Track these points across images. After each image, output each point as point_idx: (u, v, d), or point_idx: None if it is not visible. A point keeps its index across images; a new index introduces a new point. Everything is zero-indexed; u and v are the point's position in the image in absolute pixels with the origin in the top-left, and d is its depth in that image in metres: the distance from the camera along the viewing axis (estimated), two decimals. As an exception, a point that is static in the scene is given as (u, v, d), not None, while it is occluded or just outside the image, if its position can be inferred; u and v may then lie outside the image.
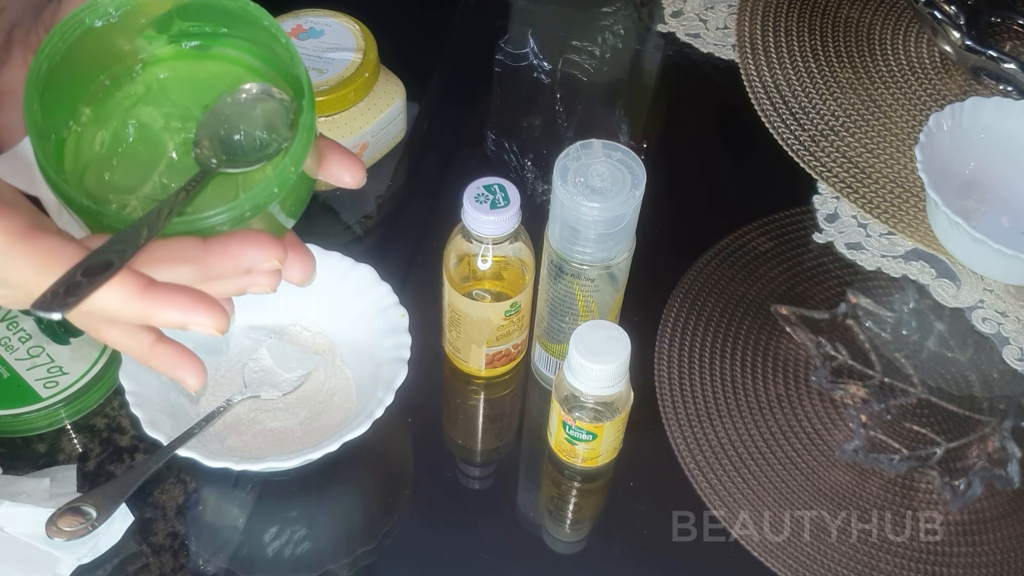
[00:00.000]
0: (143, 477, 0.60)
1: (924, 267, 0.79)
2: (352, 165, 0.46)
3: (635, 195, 0.58)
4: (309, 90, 0.43)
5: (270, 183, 0.41)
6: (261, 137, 0.44)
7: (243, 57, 0.46)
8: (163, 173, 0.44)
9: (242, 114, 0.44)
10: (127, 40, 0.45)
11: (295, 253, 0.45)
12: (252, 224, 0.42)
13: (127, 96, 0.45)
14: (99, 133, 0.44)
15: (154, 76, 0.46)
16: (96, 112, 0.45)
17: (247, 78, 0.46)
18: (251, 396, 0.66)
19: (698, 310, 0.76)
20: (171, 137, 0.45)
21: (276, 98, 0.44)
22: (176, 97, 0.46)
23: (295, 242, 0.45)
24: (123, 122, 0.45)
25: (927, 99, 0.90)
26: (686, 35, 0.95)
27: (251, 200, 0.41)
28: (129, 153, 0.44)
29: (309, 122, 0.42)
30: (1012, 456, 0.70)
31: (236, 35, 0.46)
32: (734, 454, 0.68)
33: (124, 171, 0.44)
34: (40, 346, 0.68)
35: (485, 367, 0.69)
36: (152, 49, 0.46)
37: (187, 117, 0.45)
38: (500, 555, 0.64)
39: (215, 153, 0.43)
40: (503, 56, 0.92)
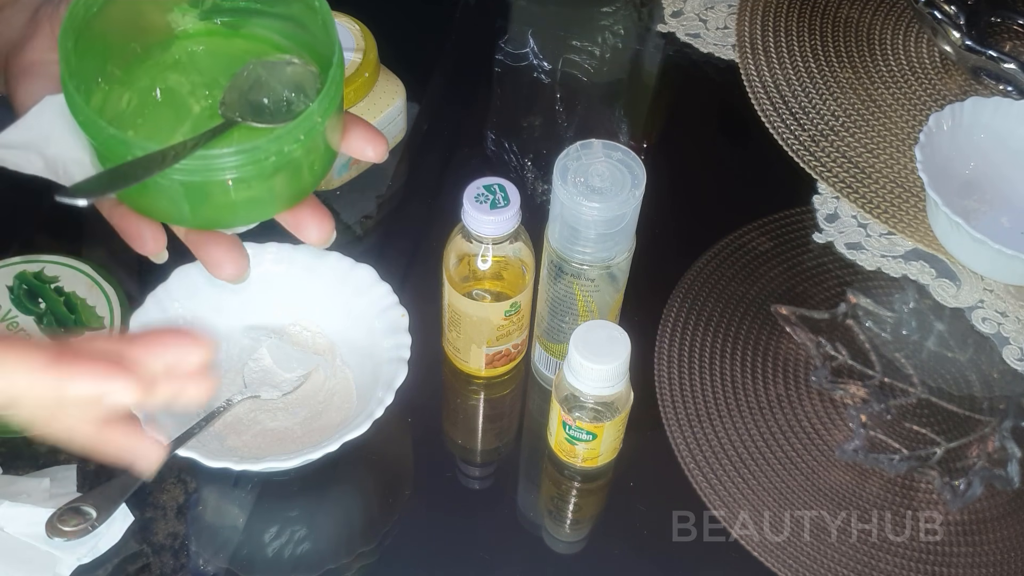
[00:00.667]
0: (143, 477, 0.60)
1: (924, 267, 0.79)
2: (374, 138, 0.46)
3: (635, 195, 0.58)
4: (339, 49, 0.43)
5: (296, 129, 0.41)
6: (288, 98, 0.44)
7: (273, 36, 0.47)
8: (186, 134, 0.44)
9: (270, 75, 0.44)
10: (161, 12, 0.46)
11: (313, 212, 0.45)
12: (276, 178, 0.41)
13: (157, 63, 0.46)
14: (127, 93, 0.45)
15: (184, 49, 0.46)
16: (125, 74, 0.45)
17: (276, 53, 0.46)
18: (251, 396, 0.66)
19: (698, 310, 0.76)
20: (197, 101, 0.45)
21: (304, 67, 0.45)
22: (205, 68, 0.46)
23: (314, 203, 0.46)
24: (151, 85, 0.45)
25: (927, 99, 0.90)
26: (686, 35, 0.95)
27: (276, 143, 0.40)
28: (154, 113, 0.45)
29: (338, 78, 0.42)
30: (1012, 456, 0.70)
31: (268, 12, 0.46)
32: (734, 454, 0.68)
33: (148, 130, 0.44)
34: (40, 346, 0.68)
35: (485, 367, 0.69)
36: (184, 23, 0.46)
37: (214, 86, 0.45)
38: (500, 555, 0.64)
39: (241, 111, 0.43)
40: (503, 56, 0.92)
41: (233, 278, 0.45)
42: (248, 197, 0.42)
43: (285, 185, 0.43)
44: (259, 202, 0.43)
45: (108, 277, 0.71)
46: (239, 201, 0.42)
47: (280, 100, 0.44)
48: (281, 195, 0.43)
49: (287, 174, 0.42)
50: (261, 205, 0.43)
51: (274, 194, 0.43)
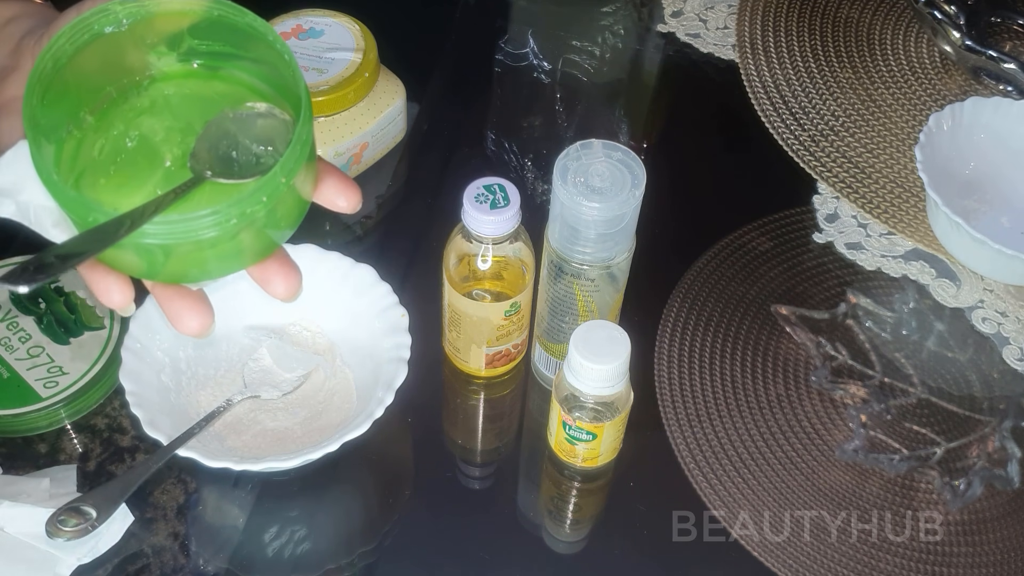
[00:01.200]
0: (143, 477, 0.60)
1: (924, 267, 0.79)
2: (347, 188, 0.46)
3: (635, 195, 0.58)
4: (307, 104, 0.42)
5: (259, 191, 0.40)
6: (258, 151, 0.43)
7: (251, 80, 0.46)
8: (158, 184, 0.44)
9: (241, 129, 0.44)
10: (137, 54, 0.45)
11: (280, 267, 0.45)
12: (241, 236, 0.41)
13: (132, 108, 0.45)
14: (99, 140, 0.44)
15: (160, 92, 0.46)
16: (98, 120, 0.45)
17: (252, 98, 0.46)
18: (251, 396, 0.66)
19: (698, 310, 0.76)
20: (170, 150, 0.45)
21: (278, 117, 0.44)
22: (180, 113, 0.45)
23: (282, 256, 0.45)
24: (124, 131, 0.45)
25: (927, 99, 0.90)
26: (686, 35, 0.95)
27: (238, 206, 0.40)
28: (127, 162, 0.44)
29: (304, 135, 0.42)
30: (1012, 456, 0.70)
31: (244, 56, 0.46)
32: (734, 454, 0.68)
33: (120, 179, 0.44)
34: (40, 346, 0.68)
35: (485, 367, 0.69)
36: (161, 66, 0.46)
37: (188, 132, 0.45)
38: (500, 555, 0.64)
39: (211, 164, 0.43)
40: (503, 56, 0.92)
41: (196, 332, 0.45)
42: (212, 255, 0.42)
43: (251, 243, 0.43)
44: (224, 259, 0.43)
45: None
46: (203, 259, 0.42)
47: (249, 154, 0.43)
48: (247, 252, 0.43)
49: (252, 232, 0.42)
50: (226, 262, 0.43)
51: (240, 251, 0.43)
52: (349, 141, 0.78)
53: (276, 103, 0.45)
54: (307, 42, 0.79)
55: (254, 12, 0.44)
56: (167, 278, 0.44)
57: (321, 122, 0.77)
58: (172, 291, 0.45)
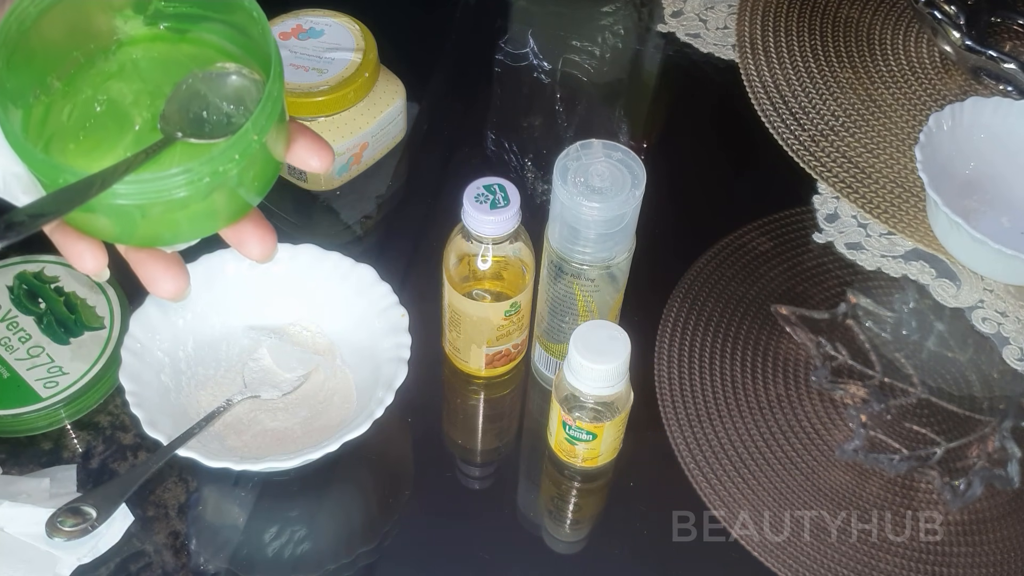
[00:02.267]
0: (143, 477, 0.60)
1: (924, 267, 0.79)
2: (320, 149, 0.45)
3: (635, 195, 0.58)
4: (277, 61, 0.42)
5: (231, 148, 0.40)
6: (228, 110, 0.43)
7: (219, 41, 0.46)
8: (128, 147, 0.43)
9: (211, 89, 0.43)
10: (103, 18, 0.44)
11: (255, 227, 0.45)
12: (214, 196, 0.41)
13: (99, 72, 0.45)
14: (67, 105, 0.44)
15: (128, 56, 0.45)
16: (66, 85, 0.44)
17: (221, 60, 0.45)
18: (251, 396, 0.66)
19: (698, 310, 0.76)
20: (139, 113, 0.44)
21: (247, 77, 0.44)
22: (148, 76, 0.45)
23: (256, 217, 0.45)
24: (92, 95, 0.44)
25: (927, 99, 0.90)
26: (686, 35, 0.95)
27: (210, 164, 0.40)
28: (96, 126, 0.44)
29: (274, 92, 0.41)
30: (1012, 456, 0.70)
31: (212, 18, 0.45)
32: (734, 454, 0.68)
33: (89, 143, 0.43)
34: (40, 346, 0.68)
35: (485, 367, 0.69)
36: (128, 29, 0.45)
37: (157, 95, 0.44)
38: (500, 555, 0.64)
39: (181, 125, 0.43)
40: (503, 56, 0.92)
41: (171, 295, 0.44)
42: (185, 216, 0.42)
43: (224, 203, 0.42)
44: (198, 220, 0.43)
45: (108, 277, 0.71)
46: (177, 220, 0.42)
47: (220, 114, 0.43)
48: (221, 212, 0.43)
49: (225, 192, 0.41)
50: (200, 223, 0.43)
51: (213, 212, 0.43)
52: (349, 141, 0.78)
53: (246, 64, 0.45)
54: (307, 42, 0.79)
55: None
56: (140, 241, 0.43)
57: (321, 122, 0.77)
58: (146, 254, 0.44)
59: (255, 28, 0.43)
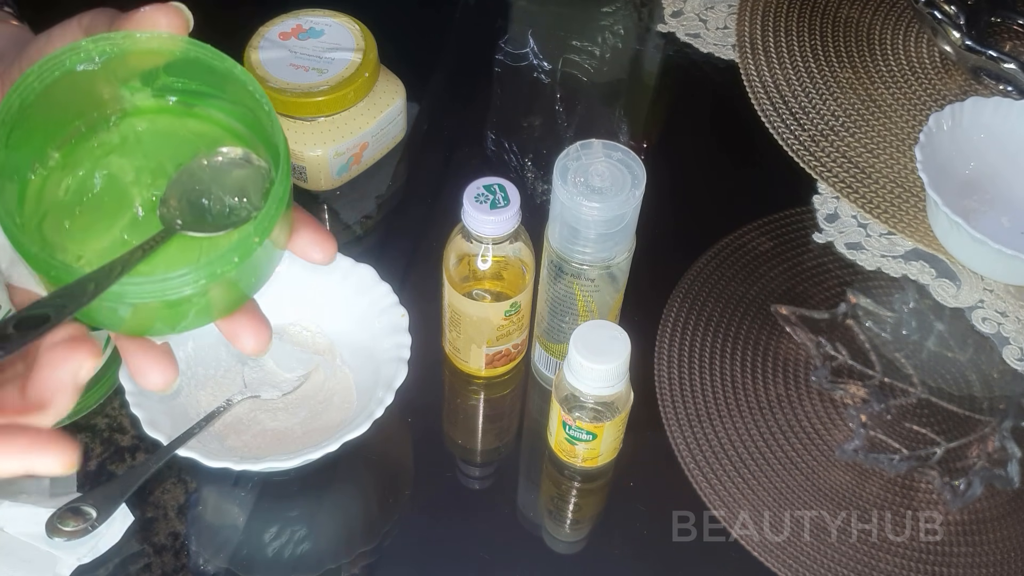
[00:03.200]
0: (143, 477, 0.60)
1: (924, 267, 0.79)
2: (323, 240, 0.44)
3: (635, 195, 0.58)
4: (286, 160, 0.41)
5: (231, 252, 0.39)
6: (231, 203, 0.42)
7: (226, 120, 0.44)
8: (125, 228, 0.42)
9: (215, 177, 0.42)
10: (108, 88, 0.43)
11: (250, 321, 0.43)
12: (211, 294, 0.40)
13: (101, 144, 0.43)
14: (66, 179, 0.42)
15: (132, 128, 0.44)
16: (65, 157, 0.43)
17: (228, 141, 0.43)
18: (251, 396, 0.66)
19: (698, 310, 0.76)
20: (139, 192, 0.43)
21: (253, 164, 0.42)
22: (151, 152, 0.43)
23: (251, 309, 0.44)
24: (91, 171, 0.43)
25: (927, 99, 0.90)
26: (686, 35, 0.95)
27: (208, 267, 0.38)
28: (93, 203, 0.42)
29: (280, 193, 0.40)
30: (1012, 456, 0.70)
31: (221, 96, 0.44)
32: (734, 454, 0.68)
33: (85, 221, 0.42)
34: (40, 346, 0.68)
35: (485, 367, 0.69)
36: (134, 100, 0.44)
37: (159, 173, 0.43)
38: (500, 555, 0.64)
39: (181, 214, 0.41)
40: (503, 56, 0.92)
41: (159, 388, 0.43)
42: (179, 313, 0.41)
43: (220, 299, 0.41)
44: (191, 316, 0.42)
45: None
46: (170, 316, 0.41)
47: (222, 205, 0.42)
48: (216, 308, 0.42)
49: (222, 290, 0.40)
50: (194, 319, 0.42)
51: (208, 308, 0.42)
52: (349, 141, 0.78)
53: (252, 146, 0.43)
54: (307, 42, 0.79)
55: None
56: (129, 332, 0.42)
57: (321, 122, 0.77)
58: (135, 344, 0.42)
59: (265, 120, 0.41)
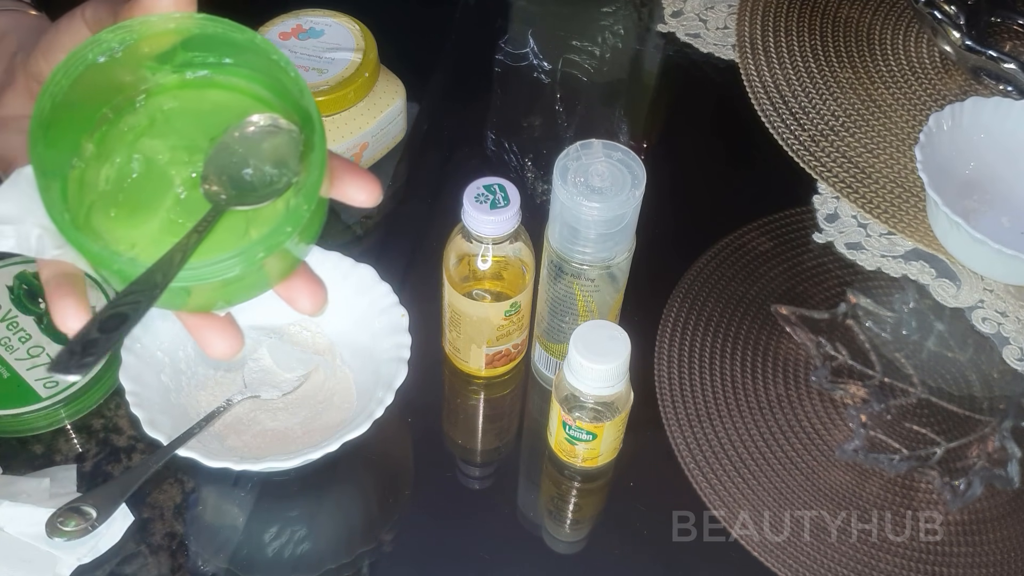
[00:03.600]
0: (143, 477, 0.60)
1: (924, 267, 0.79)
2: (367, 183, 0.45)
3: (635, 195, 0.58)
4: (320, 125, 0.41)
5: (284, 223, 0.40)
6: (271, 172, 0.42)
7: (249, 86, 0.45)
8: (170, 209, 0.43)
9: (250, 148, 0.43)
10: (130, 73, 0.44)
11: (305, 283, 0.45)
12: (267, 264, 0.41)
13: (130, 128, 0.44)
14: (103, 168, 0.43)
15: (158, 107, 0.44)
16: (99, 146, 0.43)
17: (254, 108, 0.44)
18: (251, 396, 0.66)
19: (698, 310, 0.76)
20: (177, 171, 0.43)
21: (284, 129, 0.43)
22: (181, 128, 0.44)
23: (306, 272, 0.45)
24: (127, 156, 0.43)
25: (927, 99, 0.90)
26: (686, 35, 0.95)
27: (264, 242, 0.40)
28: (135, 189, 0.43)
29: (320, 158, 0.41)
30: (1012, 456, 0.70)
31: (242, 64, 0.44)
32: (734, 454, 0.68)
33: (130, 207, 0.43)
34: (40, 346, 0.68)
35: (485, 367, 0.69)
36: (156, 79, 0.44)
37: (193, 149, 0.44)
38: (500, 555, 0.64)
39: (224, 189, 0.42)
40: (503, 56, 0.92)
41: (225, 356, 0.44)
42: (240, 287, 0.42)
43: (277, 267, 0.43)
44: (252, 287, 0.43)
45: None
46: (229, 291, 0.42)
47: (262, 174, 0.43)
48: (273, 276, 0.43)
49: (277, 258, 0.42)
50: (254, 289, 0.43)
51: (266, 277, 0.43)
52: (349, 141, 0.78)
53: (279, 110, 0.44)
54: (307, 42, 0.79)
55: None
56: (191, 310, 0.44)
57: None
58: (199, 318, 0.44)
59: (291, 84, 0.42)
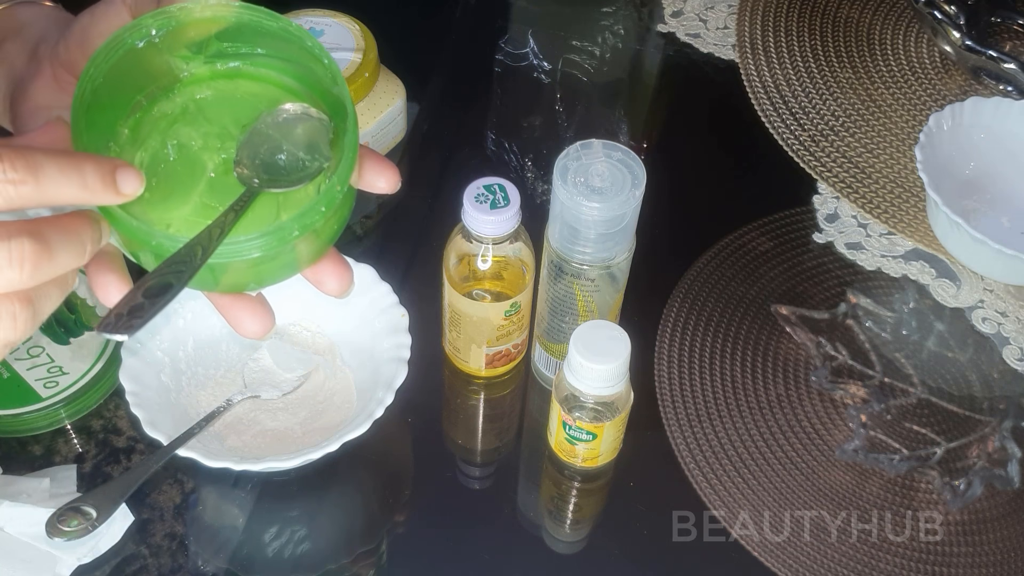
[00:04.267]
0: (143, 477, 0.60)
1: (924, 267, 0.79)
2: (386, 169, 0.46)
3: (635, 195, 0.58)
4: (352, 110, 0.43)
5: (318, 203, 0.41)
6: (303, 156, 0.44)
7: (279, 77, 0.46)
8: (203, 193, 0.44)
9: (282, 133, 0.44)
10: (163, 60, 0.45)
11: (333, 266, 0.45)
12: (300, 244, 0.42)
13: (163, 116, 0.45)
14: (137, 153, 0.44)
15: (191, 96, 0.46)
16: (133, 132, 0.45)
17: (284, 98, 0.46)
18: (251, 396, 0.66)
19: (698, 310, 0.76)
20: (210, 157, 0.45)
21: (315, 117, 0.44)
22: (213, 117, 0.45)
23: (333, 254, 0.46)
24: (161, 142, 0.45)
25: (927, 99, 0.90)
26: (686, 35, 0.95)
27: (299, 221, 0.41)
28: (168, 173, 0.44)
29: (353, 142, 0.42)
30: (1012, 456, 0.70)
31: (273, 55, 0.46)
32: (734, 454, 0.68)
33: (164, 191, 0.44)
34: (40, 346, 0.68)
35: (485, 367, 0.69)
36: (189, 68, 0.46)
37: (225, 136, 0.45)
38: (500, 555, 0.64)
39: (256, 173, 0.43)
40: (503, 56, 0.92)
41: (257, 336, 0.46)
42: (273, 267, 0.43)
43: (308, 249, 0.44)
44: (284, 268, 0.44)
45: None
46: (264, 271, 0.43)
47: (295, 159, 0.44)
48: (305, 257, 0.44)
49: (310, 240, 0.43)
50: (286, 270, 0.44)
51: (297, 259, 0.44)
52: (349, 141, 0.78)
53: (309, 100, 0.45)
54: (307, 42, 0.79)
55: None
56: (223, 290, 0.44)
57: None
58: (230, 297, 0.45)
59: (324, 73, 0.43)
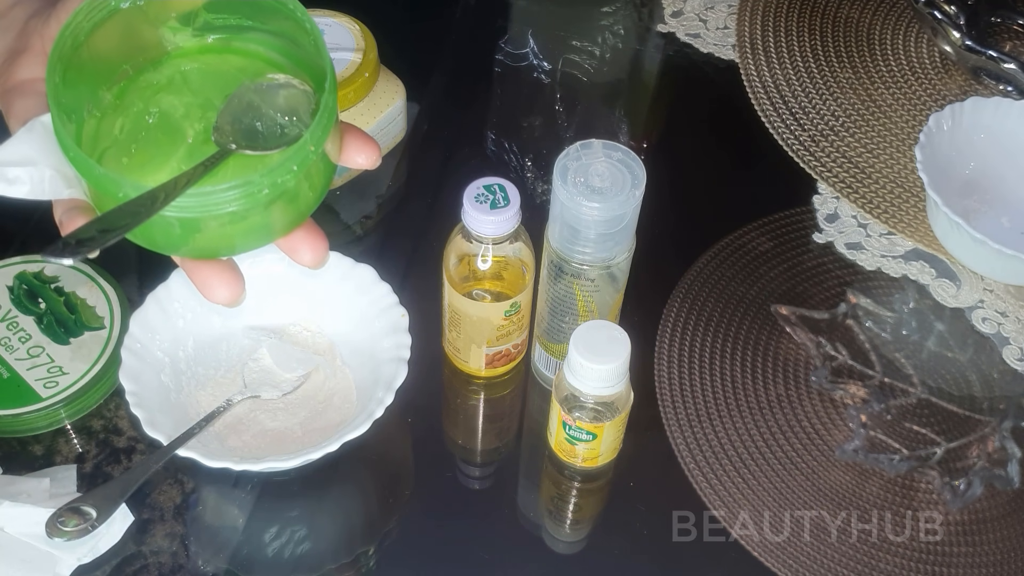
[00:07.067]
0: (143, 477, 0.60)
1: (924, 267, 0.79)
2: (366, 146, 0.46)
3: (635, 195, 0.58)
4: (331, 73, 0.42)
5: (289, 160, 0.40)
6: (282, 122, 0.44)
7: (267, 52, 0.46)
8: (182, 160, 0.44)
9: (263, 99, 0.44)
10: (151, 30, 0.45)
11: (308, 235, 0.45)
12: (272, 207, 0.41)
13: (149, 85, 0.45)
14: (119, 119, 0.44)
15: (177, 68, 0.46)
16: (117, 98, 0.45)
17: (270, 71, 0.46)
18: (251, 396, 0.66)
19: (698, 310, 0.76)
20: (191, 125, 0.45)
21: (298, 87, 0.44)
22: (198, 88, 0.45)
23: (310, 225, 0.45)
24: (144, 109, 0.45)
25: (927, 99, 0.90)
26: (686, 35, 0.95)
27: (269, 176, 0.40)
28: (148, 139, 0.44)
29: (330, 103, 0.42)
30: (1012, 456, 0.70)
31: (260, 28, 0.46)
32: (734, 454, 0.68)
33: (142, 156, 0.44)
34: (40, 346, 0.68)
35: (485, 367, 0.69)
36: (176, 41, 0.46)
37: (208, 107, 0.45)
38: (500, 555, 0.64)
39: (235, 137, 0.43)
40: (503, 56, 0.92)
41: (227, 301, 0.45)
42: (244, 228, 0.42)
43: (282, 213, 0.43)
44: (256, 232, 0.43)
45: (108, 277, 0.71)
46: (235, 232, 0.42)
47: (274, 125, 0.43)
48: (278, 223, 0.44)
49: (283, 203, 0.42)
50: (258, 234, 0.43)
51: (270, 223, 0.43)
52: (349, 141, 0.78)
53: (294, 74, 0.45)
54: (307, 42, 0.78)
55: None
56: (196, 253, 0.44)
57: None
58: (200, 262, 0.44)
59: (307, 39, 0.44)
